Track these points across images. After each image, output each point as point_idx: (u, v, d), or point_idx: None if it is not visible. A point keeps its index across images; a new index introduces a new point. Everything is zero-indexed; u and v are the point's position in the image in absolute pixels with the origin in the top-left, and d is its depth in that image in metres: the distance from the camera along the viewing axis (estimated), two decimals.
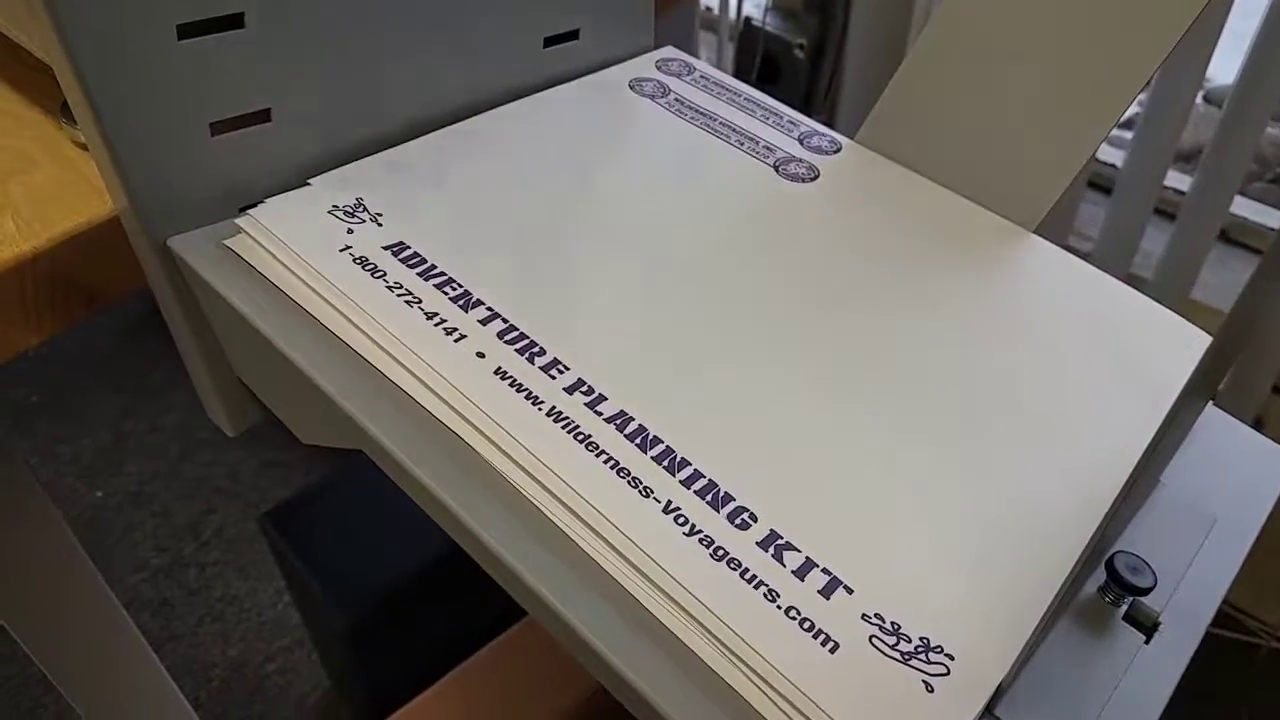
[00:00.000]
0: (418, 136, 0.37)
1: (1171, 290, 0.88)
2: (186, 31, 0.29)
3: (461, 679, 0.67)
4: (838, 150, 0.39)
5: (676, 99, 0.41)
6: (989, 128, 0.36)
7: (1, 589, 0.49)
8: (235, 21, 0.30)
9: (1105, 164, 0.97)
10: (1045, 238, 0.36)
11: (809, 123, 0.40)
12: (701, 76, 0.42)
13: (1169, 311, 0.33)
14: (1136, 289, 0.33)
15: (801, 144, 0.39)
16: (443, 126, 0.37)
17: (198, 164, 0.31)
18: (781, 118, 0.40)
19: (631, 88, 0.41)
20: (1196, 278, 0.88)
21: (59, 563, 0.52)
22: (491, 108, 0.39)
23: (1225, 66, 0.89)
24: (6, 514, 0.46)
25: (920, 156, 0.38)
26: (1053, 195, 0.36)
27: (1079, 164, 0.36)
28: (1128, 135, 0.90)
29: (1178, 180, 0.97)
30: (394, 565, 0.74)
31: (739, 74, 1.11)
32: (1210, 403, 0.31)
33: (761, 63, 1.06)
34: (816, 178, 0.37)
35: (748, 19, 1.08)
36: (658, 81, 0.42)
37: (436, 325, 0.29)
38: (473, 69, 0.38)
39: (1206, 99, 1.14)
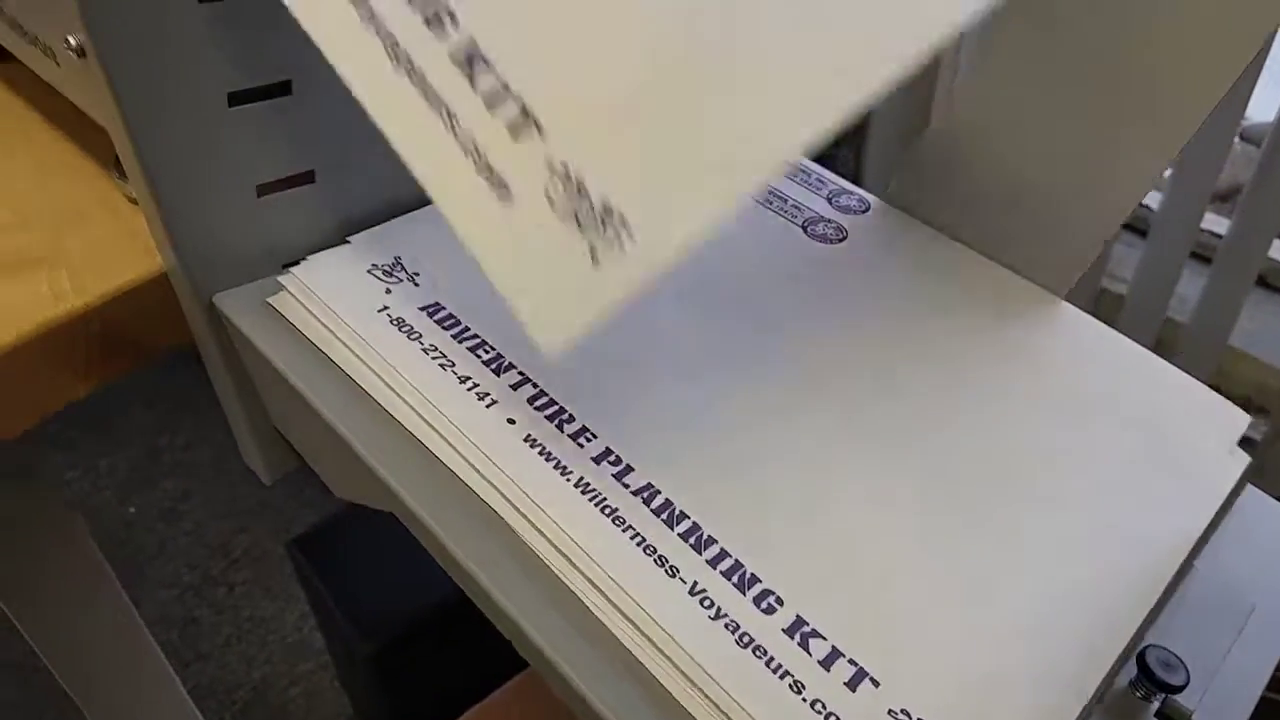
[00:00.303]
0: None
1: (1208, 337, 0.87)
2: (237, 99, 0.30)
3: (482, 716, 0.67)
4: (866, 210, 0.39)
5: None
6: (1019, 191, 0.36)
7: (27, 606, 0.50)
8: (284, 89, 0.31)
9: (1141, 205, 0.97)
10: (1080, 279, 0.36)
11: (837, 181, 0.40)
12: None
13: (1204, 386, 0.32)
14: (1172, 334, 0.33)
15: (830, 203, 0.39)
16: None
17: (244, 224, 0.32)
18: (810, 175, 0.40)
19: None
20: (1234, 324, 0.87)
21: (86, 581, 0.53)
22: None
23: (1264, 103, 0.88)
24: (33, 531, 0.47)
25: (949, 218, 0.38)
26: (1084, 263, 0.36)
27: (1111, 230, 0.36)
28: (1164, 174, 0.90)
29: (1215, 223, 0.96)
30: (419, 596, 0.75)
31: None
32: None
33: None
34: (845, 239, 0.37)
35: None
36: None
37: (470, 390, 0.30)
38: None
39: (1243, 137, 1.13)
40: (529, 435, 0.28)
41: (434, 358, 0.31)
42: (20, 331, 0.31)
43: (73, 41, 0.27)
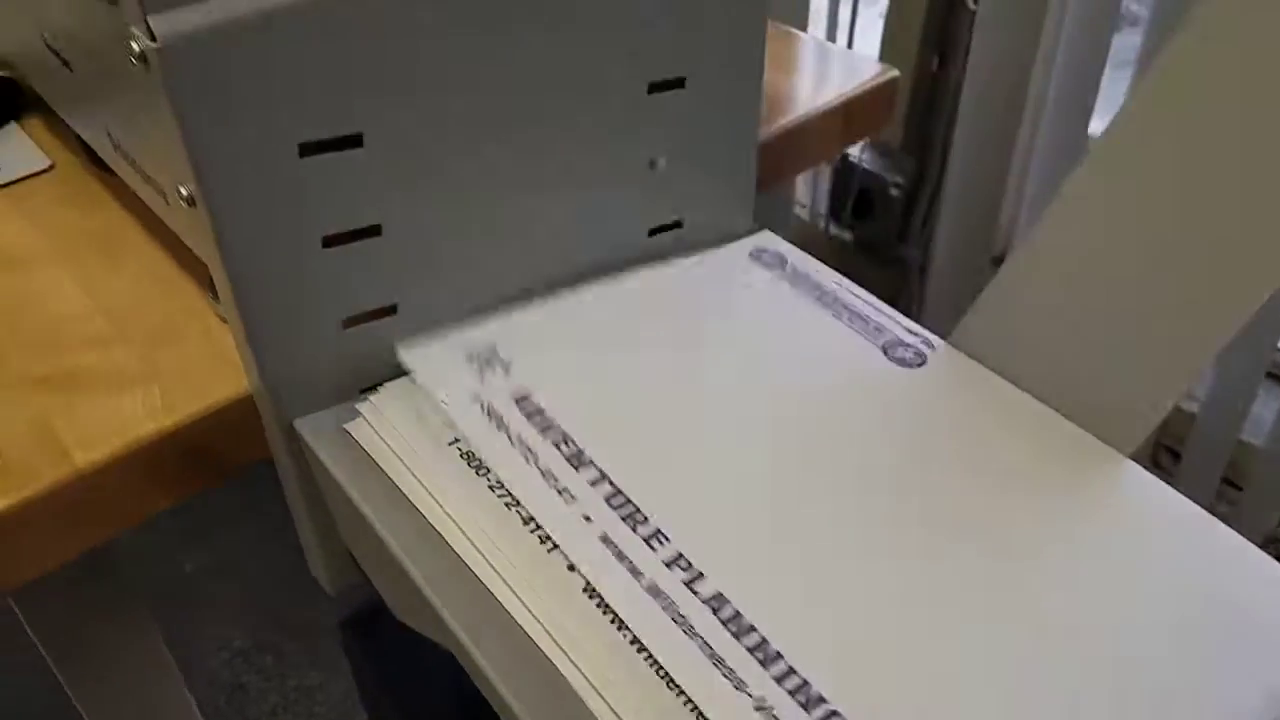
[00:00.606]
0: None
1: None
2: (330, 241, 0.32)
3: None
4: (922, 364, 0.39)
5: (794, 270, 0.42)
6: (1089, 345, 0.36)
7: (83, 675, 0.51)
8: (374, 230, 0.33)
9: None
10: None
11: (895, 328, 0.40)
12: (793, 270, 0.43)
13: (1269, 559, 0.32)
14: (1246, 458, 0.32)
15: (885, 354, 0.39)
16: None
17: (328, 353, 0.34)
18: (868, 322, 0.41)
19: (751, 257, 0.43)
20: None
21: (138, 652, 0.54)
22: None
23: None
24: (104, 621, 0.49)
25: (1015, 366, 0.38)
26: (1152, 422, 0.35)
27: (1181, 389, 0.35)
28: None
29: None
30: (469, 689, 0.75)
31: (834, 208, 1.13)
32: None
33: (856, 197, 1.08)
34: (924, 363, 0.38)
35: (844, 155, 1.10)
36: (775, 252, 0.44)
37: (552, 487, 0.31)
38: (581, 251, 0.40)
39: None
40: (605, 534, 0.29)
41: (518, 450, 0.32)
42: (113, 449, 0.33)
43: (184, 192, 0.29)
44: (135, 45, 0.26)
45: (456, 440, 0.33)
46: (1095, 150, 0.36)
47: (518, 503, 0.31)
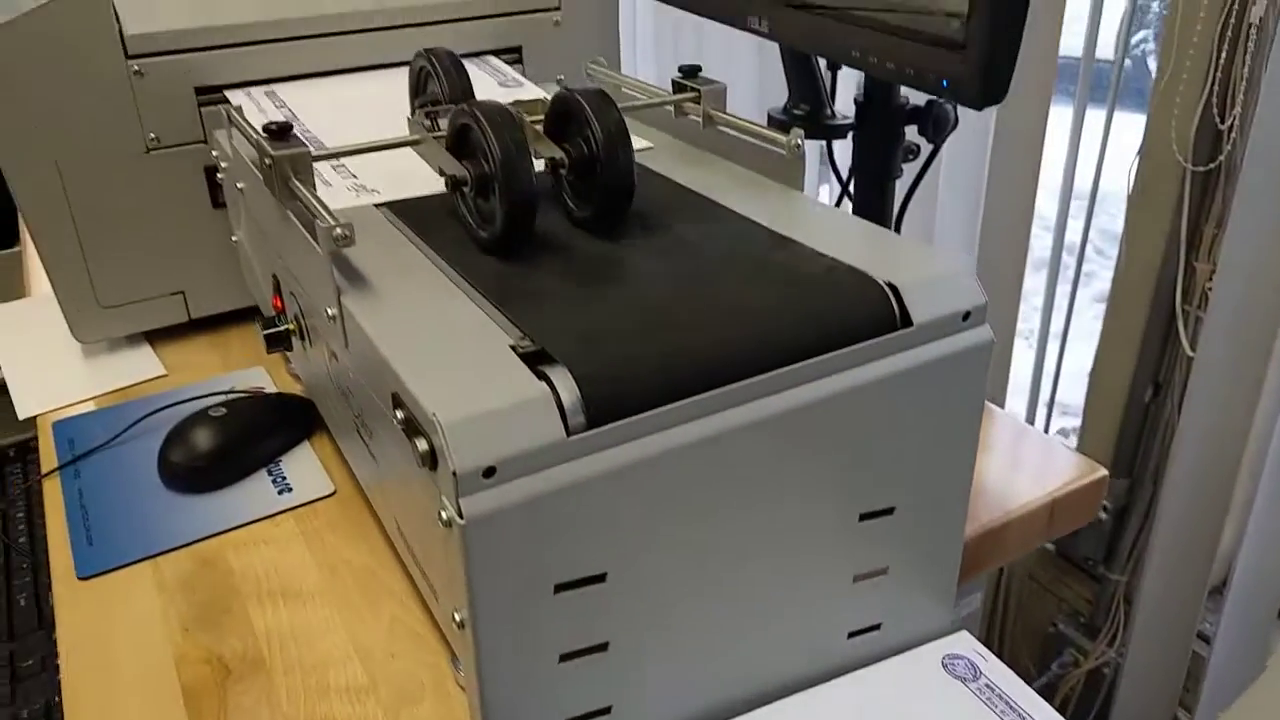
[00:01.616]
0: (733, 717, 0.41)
1: None
2: (565, 657, 0.36)
3: None
4: None
5: (987, 685, 0.43)
6: None
7: None
8: (602, 647, 0.37)
9: None
10: None
11: None
12: (987, 685, 0.44)
13: None
14: None
15: None
16: (755, 707, 0.42)
17: None
18: None
19: (945, 667, 0.44)
20: None
21: None
22: (798, 689, 0.43)
23: None
24: None
25: None
26: None
27: None
28: None
29: None
30: None
31: None
32: None
33: None
34: None
35: None
36: (969, 661, 0.44)
37: None
38: (783, 656, 0.42)
39: None
40: None
41: None
42: None
43: (457, 618, 0.35)
44: (444, 514, 0.32)
45: None
46: None
47: None
